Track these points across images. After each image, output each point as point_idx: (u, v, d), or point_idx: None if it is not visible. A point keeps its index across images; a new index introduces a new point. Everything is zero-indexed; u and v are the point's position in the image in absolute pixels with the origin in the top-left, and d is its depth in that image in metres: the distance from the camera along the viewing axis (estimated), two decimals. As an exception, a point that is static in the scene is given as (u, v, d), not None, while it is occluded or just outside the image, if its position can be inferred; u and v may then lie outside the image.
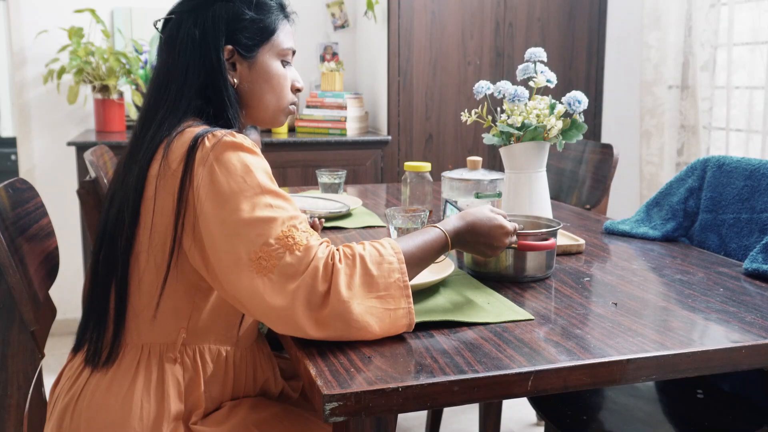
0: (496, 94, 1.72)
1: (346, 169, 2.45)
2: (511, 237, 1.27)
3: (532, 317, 1.16)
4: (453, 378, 0.94)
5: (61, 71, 3.06)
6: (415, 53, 3.24)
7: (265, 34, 1.26)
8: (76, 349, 1.24)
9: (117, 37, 3.30)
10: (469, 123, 1.76)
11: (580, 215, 2.03)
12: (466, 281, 1.35)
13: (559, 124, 1.64)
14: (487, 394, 0.96)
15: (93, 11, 3.11)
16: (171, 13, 1.25)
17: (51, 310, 1.39)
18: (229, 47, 1.23)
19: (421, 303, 1.21)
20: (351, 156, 3.19)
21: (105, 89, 3.11)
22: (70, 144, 2.90)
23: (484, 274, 1.39)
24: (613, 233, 1.77)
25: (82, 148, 2.87)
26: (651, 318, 1.18)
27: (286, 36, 1.30)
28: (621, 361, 1.01)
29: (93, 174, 1.77)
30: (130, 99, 3.28)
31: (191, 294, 1.18)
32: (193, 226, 1.11)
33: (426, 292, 1.28)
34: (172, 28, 1.24)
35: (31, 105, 3.27)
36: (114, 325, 1.17)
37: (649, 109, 3.20)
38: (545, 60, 1.72)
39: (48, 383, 1.26)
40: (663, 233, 1.71)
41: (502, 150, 1.72)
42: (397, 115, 3.27)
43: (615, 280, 1.38)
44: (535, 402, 1.52)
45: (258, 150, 1.14)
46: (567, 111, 1.67)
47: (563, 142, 1.67)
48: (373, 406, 0.91)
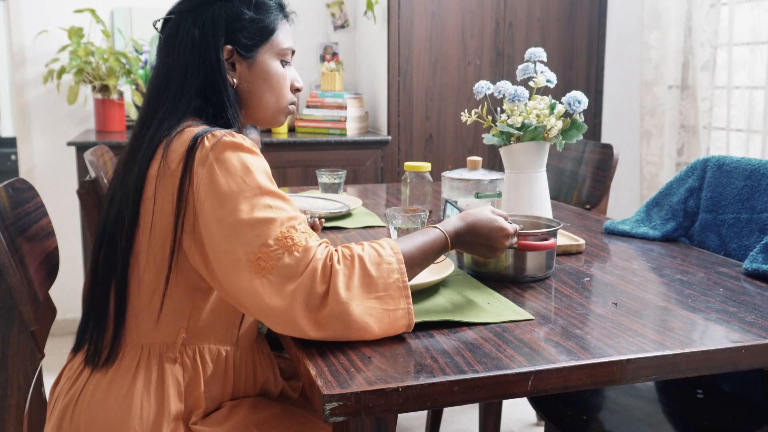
0: (496, 94, 1.72)
1: (346, 169, 2.45)
2: (512, 239, 1.27)
3: (532, 317, 1.16)
4: (453, 378, 0.94)
5: (61, 71, 3.06)
6: (415, 53, 3.24)
7: (265, 34, 1.26)
8: (76, 349, 1.24)
9: (117, 37, 3.30)
10: (469, 123, 1.76)
11: (580, 215, 2.03)
12: (466, 281, 1.35)
13: (559, 124, 1.64)
14: (487, 394, 0.96)
15: (93, 11, 3.11)
16: (170, 13, 1.25)
17: (51, 310, 1.39)
18: (229, 47, 1.23)
19: (421, 303, 1.21)
20: (351, 156, 3.19)
21: (105, 89, 3.12)
22: (70, 144, 2.90)
23: (484, 274, 1.39)
24: (613, 233, 1.77)
25: (82, 148, 2.87)
26: (651, 318, 1.18)
27: (285, 36, 1.30)
28: (621, 361, 1.01)
29: (93, 174, 1.77)
30: (130, 99, 3.28)
31: (191, 294, 1.18)
32: (192, 226, 1.11)
33: (426, 292, 1.28)
34: (172, 28, 1.24)
35: (31, 105, 3.27)
36: (114, 325, 1.17)
37: (649, 109, 3.20)
38: (545, 60, 1.72)
39: (48, 383, 1.26)
40: (663, 233, 1.71)
41: (502, 150, 1.72)
42: (397, 115, 3.27)
43: (615, 280, 1.38)
44: (535, 402, 1.52)
45: (257, 150, 1.14)
46: (567, 111, 1.67)
47: (563, 142, 1.67)
48: (373, 406, 0.91)
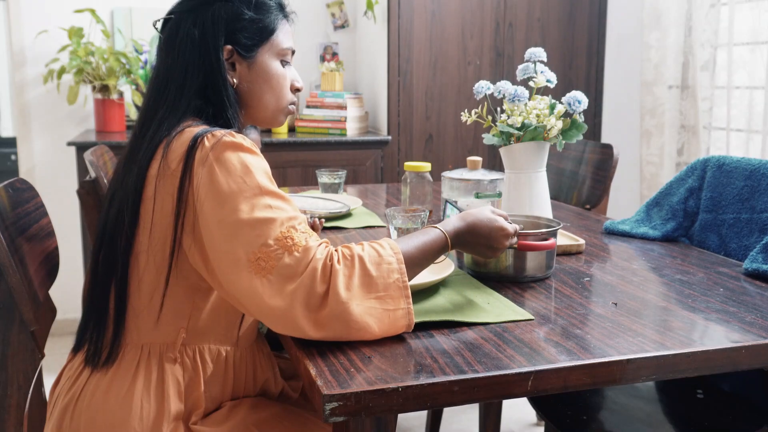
0: (496, 94, 1.72)
1: (346, 169, 2.45)
2: (512, 239, 1.27)
3: (532, 317, 1.16)
4: (453, 378, 0.94)
5: (61, 71, 3.06)
6: (415, 53, 3.24)
7: (265, 34, 1.26)
8: (76, 349, 1.24)
9: (117, 37, 3.30)
10: (469, 123, 1.76)
11: (580, 215, 2.03)
12: (466, 281, 1.35)
13: (559, 124, 1.64)
14: (487, 394, 0.96)
15: (93, 11, 3.11)
16: (170, 13, 1.25)
17: (51, 310, 1.39)
18: (229, 47, 1.23)
19: (421, 303, 1.21)
20: (351, 156, 3.19)
21: (105, 89, 3.12)
22: (70, 144, 2.90)
23: (484, 274, 1.39)
24: (613, 233, 1.77)
25: (82, 148, 2.87)
26: (651, 318, 1.18)
27: (285, 36, 1.30)
28: (621, 361, 1.01)
29: (93, 174, 1.76)
30: (130, 99, 3.28)
31: (191, 294, 1.17)
32: (192, 226, 1.11)
33: (426, 292, 1.28)
34: (172, 28, 1.24)
35: (31, 105, 3.27)
36: (114, 325, 1.17)
37: (649, 109, 3.20)
38: (545, 60, 1.72)
39: (48, 383, 1.26)
40: (663, 233, 1.71)
41: (502, 150, 1.72)
42: (397, 115, 3.27)
43: (615, 280, 1.38)
44: (535, 402, 1.52)
45: (258, 150, 1.14)
46: (567, 111, 1.67)
47: (563, 142, 1.67)
48: (373, 406, 0.91)
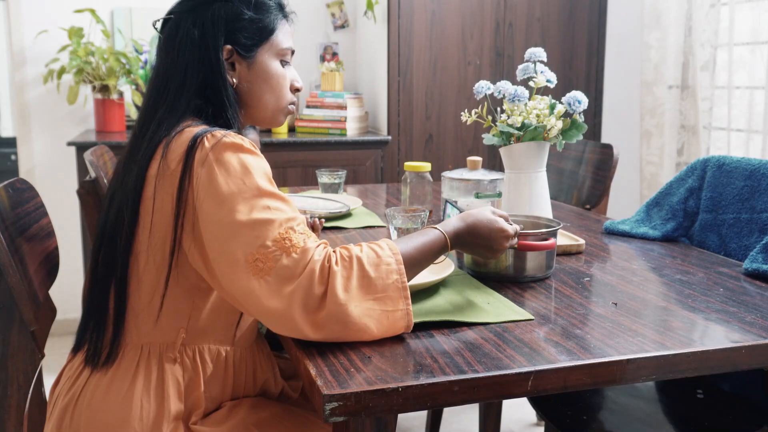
0: (496, 94, 1.72)
1: (346, 169, 2.45)
2: (512, 240, 1.27)
3: (532, 317, 1.16)
4: (453, 378, 0.94)
5: (61, 71, 3.06)
6: (415, 53, 3.24)
7: (264, 33, 1.26)
8: (76, 349, 1.24)
9: (117, 37, 3.30)
10: (469, 123, 1.76)
11: (580, 215, 2.03)
12: (466, 281, 1.35)
13: (559, 124, 1.64)
14: (487, 394, 0.96)
15: (93, 11, 3.11)
16: (170, 13, 1.25)
17: (51, 310, 1.39)
18: (228, 47, 1.23)
19: (421, 303, 1.21)
20: (351, 156, 3.19)
21: (105, 89, 3.11)
22: (70, 144, 2.90)
23: (484, 274, 1.39)
24: (613, 233, 1.77)
25: (82, 148, 2.87)
26: (651, 318, 1.18)
27: (285, 36, 1.29)
28: (621, 361, 1.01)
29: (93, 174, 1.76)
30: (130, 99, 3.28)
31: (191, 294, 1.17)
32: (192, 226, 1.11)
33: (426, 292, 1.28)
34: (171, 28, 1.24)
35: (31, 105, 3.27)
36: (113, 325, 1.17)
37: (649, 109, 3.20)
38: (545, 60, 1.72)
39: (48, 383, 1.26)
40: (663, 233, 1.71)
41: (502, 150, 1.72)
42: (397, 115, 3.27)
43: (615, 280, 1.38)
44: (535, 402, 1.52)
45: (257, 150, 1.14)
46: (567, 111, 1.67)
47: (563, 142, 1.67)
48: (373, 406, 0.91)
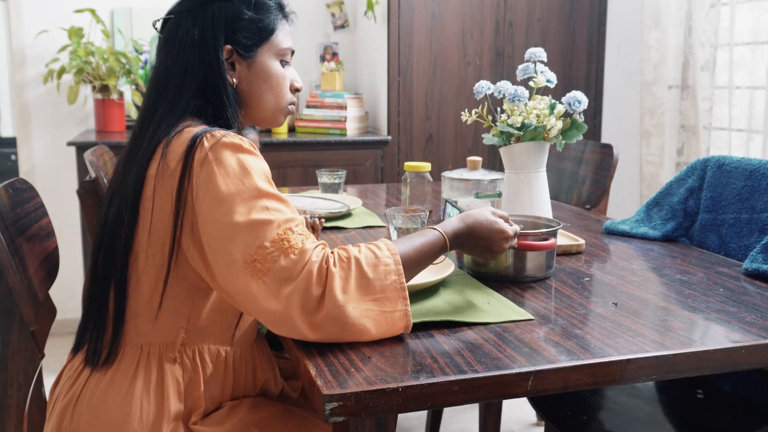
0: (496, 94, 1.72)
1: (346, 169, 2.45)
2: (512, 241, 1.27)
3: (532, 317, 1.16)
4: (453, 378, 0.94)
5: (61, 71, 3.06)
6: (415, 53, 3.24)
7: (264, 33, 1.26)
8: (75, 349, 1.24)
9: (117, 37, 3.30)
10: (469, 123, 1.76)
11: (580, 215, 2.03)
12: (466, 281, 1.35)
13: (559, 124, 1.64)
14: (487, 394, 0.96)
15: (93, 11, 3.11)
16: (170, 12, 1.25)
17: (51, 310, 1.39)
18: (228, 47, 1.23)
19: (421, 303, 1.21)
20: (351, 156, 3.19)
21: (105, 89, 3.11)
22: (70, 144, 2.90)
23: (484, 274, 1.39)
24: (613, 233, 1.77)
25: (82, 148, 2.87)
26: (651, 318, 1.18)
27: (284, 36, 1.29)
28: (621, 361, 1.01)
29: (93, 174, 1.76)
30: (130, 99, 3.28)
31: (190, 294, 1.17)
32: (192, 226, 1.11)
33: (426, 292, 1.27)
34: (171, 27, 1.24)
35: (31, 105, 3.27)
36: (113, 325, 1.17)
37: (649, 109, 3.20)
38: (545, 60, 1.72)
39: (48, 383, 1.26)
40: (663, 233, 1.71)
41: (502, 150, 1.72)
42: (397, 115, 3.27)
43: (615, 280, 1.38)
44: (535, 402, 1.52)
45: (257, 151, 1.14)
46: (567, 111, 1.67)
47: (563, 142, 1.67)
48: (373, 406, 0.91)
